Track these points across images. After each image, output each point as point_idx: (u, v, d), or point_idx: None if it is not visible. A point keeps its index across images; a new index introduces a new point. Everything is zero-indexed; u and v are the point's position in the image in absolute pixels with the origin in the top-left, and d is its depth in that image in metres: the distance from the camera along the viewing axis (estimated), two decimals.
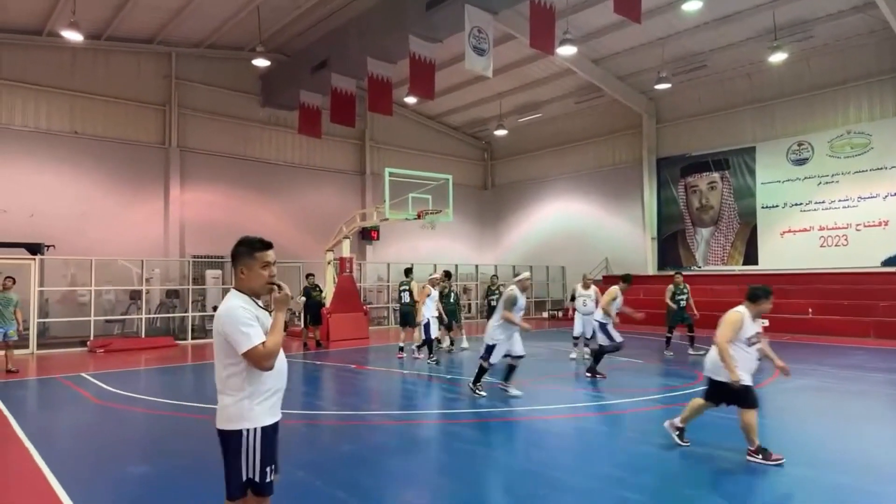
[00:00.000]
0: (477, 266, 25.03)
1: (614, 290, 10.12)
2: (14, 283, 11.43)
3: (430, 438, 6.64)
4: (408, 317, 13.12)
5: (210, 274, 18.36)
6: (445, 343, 13.80)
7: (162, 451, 6.24)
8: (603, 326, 10.00)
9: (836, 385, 9.60)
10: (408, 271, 14.27)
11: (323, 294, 15.79)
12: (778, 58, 16.78)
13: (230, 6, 16.86)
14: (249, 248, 3.17)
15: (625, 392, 9.07)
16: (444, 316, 12.78)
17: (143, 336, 16.00)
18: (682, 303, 12.98)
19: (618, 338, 9.97)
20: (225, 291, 18.93)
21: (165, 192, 19.16)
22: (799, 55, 18.05)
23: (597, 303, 10.94)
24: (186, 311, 17.22)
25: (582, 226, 25.00)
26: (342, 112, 18.18)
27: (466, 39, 13.54)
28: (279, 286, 3.10)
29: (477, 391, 8.52)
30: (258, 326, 2.94)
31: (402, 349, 12.78)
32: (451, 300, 13.72)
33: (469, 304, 24.41)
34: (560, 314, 23.66)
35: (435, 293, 12.26)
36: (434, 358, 11.76)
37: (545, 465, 5.53)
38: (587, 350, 11.57)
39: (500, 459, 5.88)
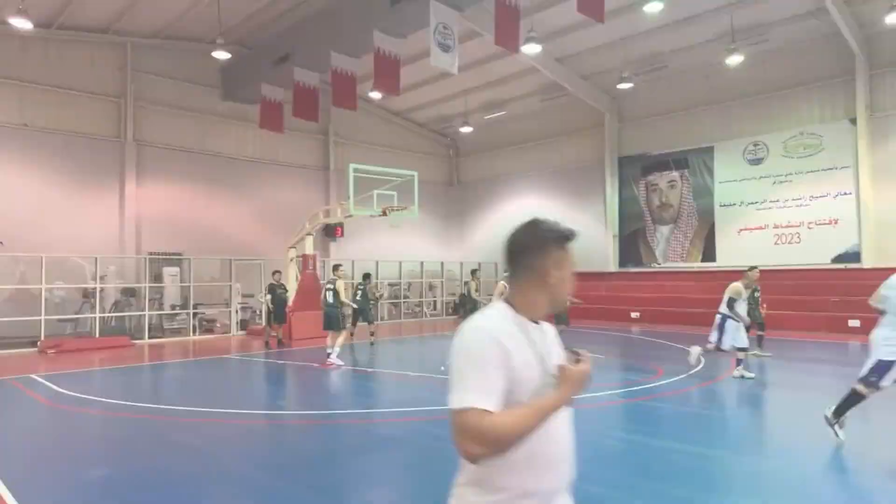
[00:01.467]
0: (442, 263, 25.02)
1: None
2: None
3: (397, 436, 6.60)
4: (331, 319, 12.11)
5: (168, 271, 17.87)
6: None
7: (116, 454, 6.03)
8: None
9: (790, 378, 9.92)
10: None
11: (287, 292, 15.53)
12: (735, 60, 17.22)
13: None
14: (560, 237, 1.86)
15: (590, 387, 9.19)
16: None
17: (97, 336, 15.48)
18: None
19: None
20: (184, 290, 18.56)
21: (121, 187, 18.54)
22: (755, 58, 18.56)
23: None
24: (143, 310, 16.73)
25: None
26: (305, 106, 17.89)
27: (432, 35, 13.48)
28: (578, 356, 1.79)
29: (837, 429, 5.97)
30: (507, 376, 1.66)
31: (330, 355, 11.69)
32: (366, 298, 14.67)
33: (434, 302, 24.42)
34: None
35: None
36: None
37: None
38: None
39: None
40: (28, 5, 13.85)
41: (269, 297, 14.61)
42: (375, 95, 21.86)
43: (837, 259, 17.70)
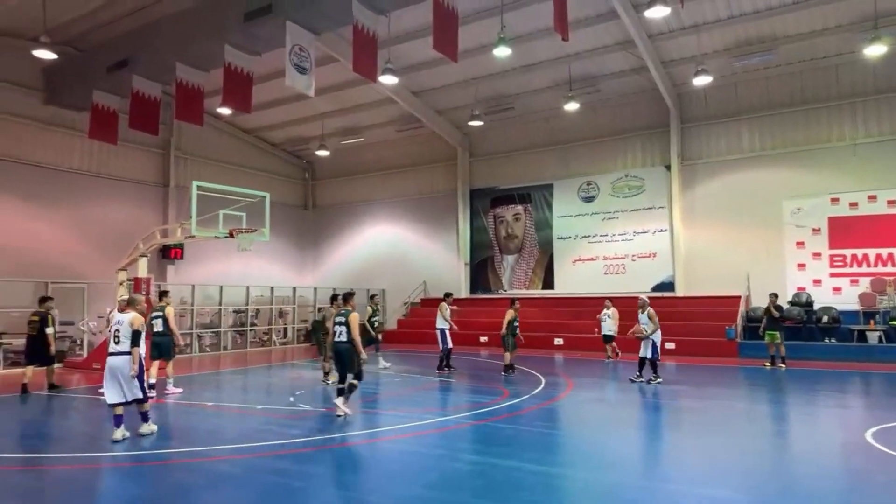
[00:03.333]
0: (295, 288, 24.20)
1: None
2: None
3: (236, 473, 6.18)
4: (162, 347, 10.94)
5: None
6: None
7: None
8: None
9: (617, 396, 10.88)
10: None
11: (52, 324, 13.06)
12: (572, 106, 18.95)
13: None
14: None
15: (437, 411, 9.34)
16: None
17: None
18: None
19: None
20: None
21: None
22: (589, 105, 20.57)
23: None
24: None
25: (402, 249, 25.54)
26: (143, 118, 16.52)
27: (287, 56, 13.21)
28: None
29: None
30: None
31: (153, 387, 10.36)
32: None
33: (285, 329, 23.47)
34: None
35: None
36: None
37: (359, 490, 5.45)
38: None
39: (315, 489, 5.66)
40: None
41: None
42: (224, 111, 20.84)
43: (657, 287, 19.91)
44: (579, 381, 12.47)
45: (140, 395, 7.47)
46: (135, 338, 7.40)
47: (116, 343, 7.44)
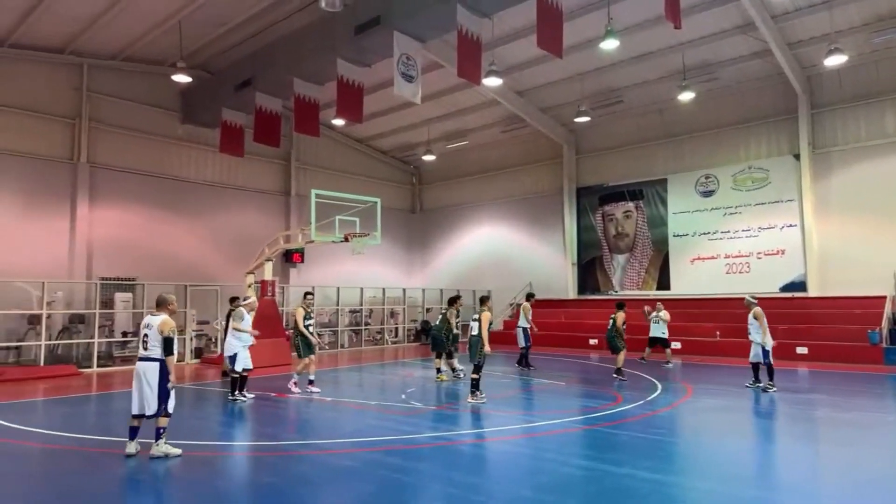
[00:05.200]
0: (404, 290, 24.95)
1: None
2: None
3: (353, 468, 6.48)
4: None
5: (120, 297, 17.28)
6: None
7: (59, 489, 5.75)
8: None
9: (743, 404, 10.19)
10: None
11: None
12: (686, 96, 17.97)
13: (148, 20, 16.23)
14: None
15: (548, 414, 9.24)
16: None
17: (42, 364, 14.80)
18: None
19: None
20: (137, 315, 18.02)
21: (72, 210, 17.96)
22: (706, 95, 19.41)
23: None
24: (92, 337, 16.09)
25: (507, 251, 25.52)
26: (266, 132, 17.79)
27: (395, 66, 13.67)
28: None
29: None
30: None
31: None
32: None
33: (396, 329, 24.26)
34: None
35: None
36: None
37: (468, 490, 5.52)
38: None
39: (425, 486, 5.82)
40: None
41: (223, 323, 14.22)
42: (338, 122, 21.92)
43: (785, 288, 18.39)
44: (699, 388, 11.80)
45: (156, 413, 6.66)
46: (167, 345, 6.70)
47: (144, 349, 6.78)
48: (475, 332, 10.16)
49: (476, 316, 10.29)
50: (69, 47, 17.44)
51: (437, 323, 13.25)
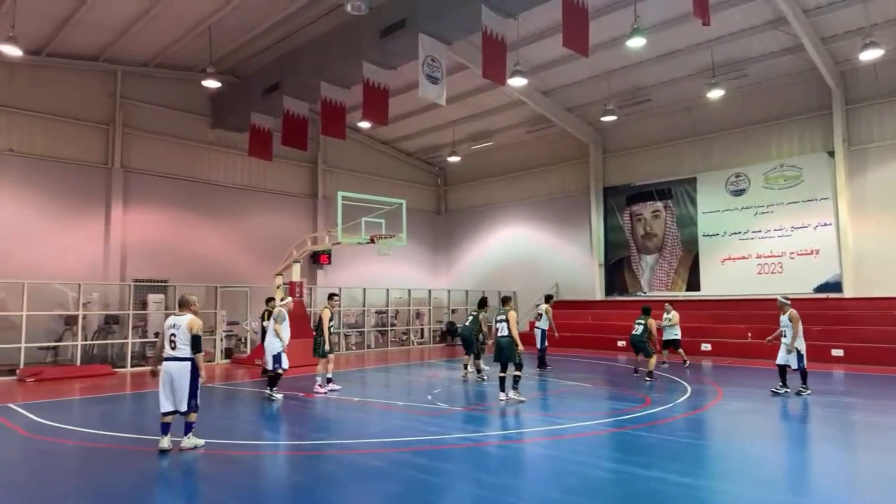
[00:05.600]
0: (430, 290, 25.00)
1: None
2: None
3: (380, 468, 6.52)
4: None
5: (152, 298, 17.66)
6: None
7: (93, 486, 5.91)
8: None
9: (774, 407, 9.97)
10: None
11: None
12: (716, 94, 17.66)
13: (179, 27, 16.59)
14: None
15: (575, 416, 9.17)
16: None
17: (79, 364, 15.21)
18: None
19: None
20: (168, 316, 18.41)
21: (107, 213, 18.43)
22: (735, 92, 19.05)
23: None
24: (126, 338, 16.49)
25: (533, 251, 25.39)
26: (294, 135, 18.03)
27: (420, 68, 13.72)
28: None
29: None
30: None
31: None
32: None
33: (422, 330, 24.34)
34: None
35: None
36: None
37: (497, 491, 5.51)
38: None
39: (452, 486, 5.82)
40: (18, 32, 13.92)
41: (255, 324, 14.51)
42: (364, 125, 22.08)
43: (819, 288, 17.95)
44: (730, 390, 11.59)
45: (187, 409, 6.96)
46: (195, 343, 6.97)
47: (173, 348, 6.97)
48: (504, 333, 10.19)
49: (502, 317, 10.29)
50: (103, 55, 17.91)
51: (468, 324, 13.38)
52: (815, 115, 18.36)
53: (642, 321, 13.11)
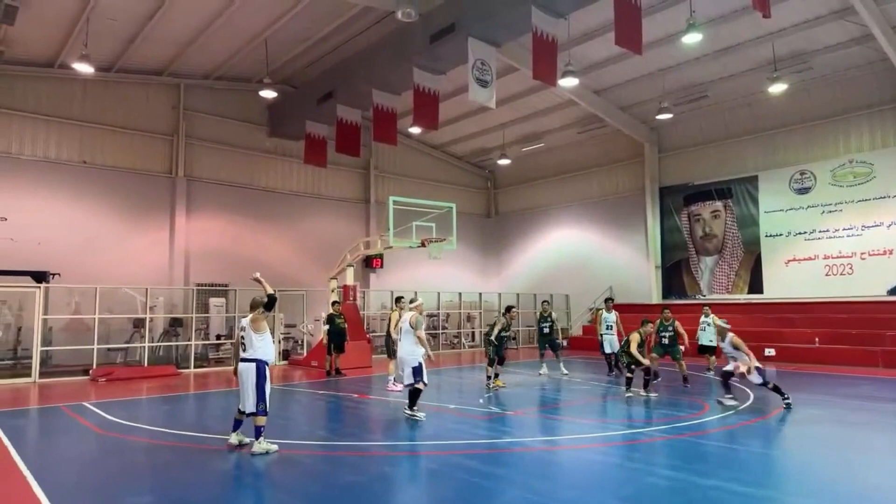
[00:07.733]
0: (481, 294, 24.97)
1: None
2: None
3: (433, 469, 6.56)
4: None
5: (213, 302, 18.36)
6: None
7: (163, 481, 6.18)
8: None
9: (844, 416, 9.47)
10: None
11: (345, 322, 15.54)
12: (778, 88, 16.95)
13: (238, 40, 17.23)
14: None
15: (630, 423, 8.97)
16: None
17: (146, 364, 15.96)
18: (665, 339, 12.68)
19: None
20: (230, 320, 19.08)
21: (171, 220, 19.30)
22: (799, 86, 18.24)
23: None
24: (189, 340, 17.19)
25: (586, 254, 24.99)
26: (347, 142, 18.39)
27: (470, 72, 13.76)
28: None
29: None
30: None
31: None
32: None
33: (472, 333, 24.32)
34: (566, 343, 23.45)
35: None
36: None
37: (550, 498, 5.44)
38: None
39: (504, 491, 5.79)
40: (90, 51, 14.78)
41: (327, 326, 14.98)
42: (415, 130, 22.30)
43: (894, 291, 16.94)
44: (795, 397, 11.07)
45: (254, 411, 7.04)
46: (270, 300, 7.30)
47: (243, 350, 7.23)
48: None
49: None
50: (167, 69, 18.79)
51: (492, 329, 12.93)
52: (886, 107, 17.37)
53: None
